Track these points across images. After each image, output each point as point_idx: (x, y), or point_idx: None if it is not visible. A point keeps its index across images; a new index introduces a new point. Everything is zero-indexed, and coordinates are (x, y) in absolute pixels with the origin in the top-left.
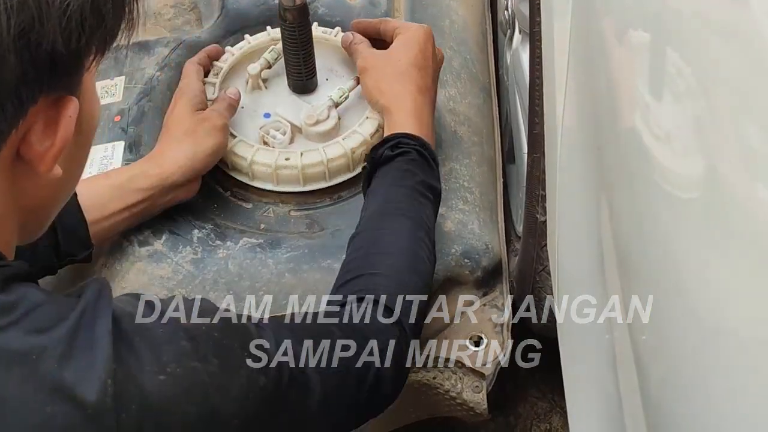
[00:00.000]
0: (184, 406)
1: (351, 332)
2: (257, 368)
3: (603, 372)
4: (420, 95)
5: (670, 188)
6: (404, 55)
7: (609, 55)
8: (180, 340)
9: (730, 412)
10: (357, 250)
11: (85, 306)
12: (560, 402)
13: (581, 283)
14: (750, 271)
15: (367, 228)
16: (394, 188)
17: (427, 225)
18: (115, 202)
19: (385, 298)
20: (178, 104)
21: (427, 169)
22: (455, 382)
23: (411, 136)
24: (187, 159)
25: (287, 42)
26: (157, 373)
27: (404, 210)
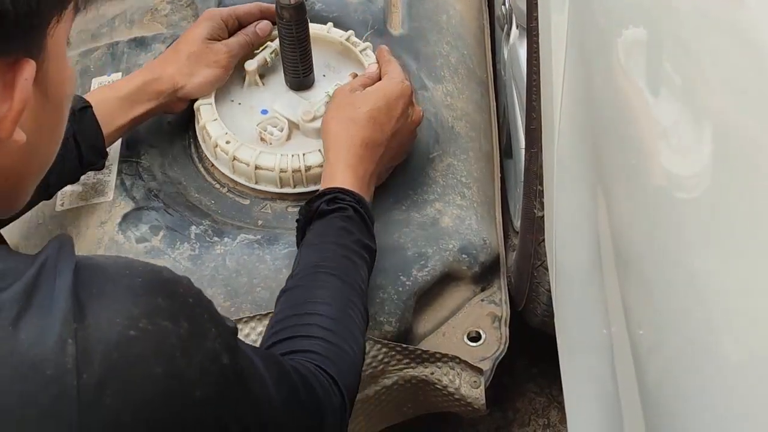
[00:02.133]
0: (150, 365)
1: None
2: (220, 344)
3: (601, 367)
4: (364, 149)
5: (667, 183)
6: (367, 104)
7: (606, 51)
8: (157, 296)
9: (727, 407)
10: (291, 307)
11: (44, 262)
12: (558, 397)
13: (579, 279)
14: (747, 266)
15: (300, 285)
16: (329, 245)
17: (360, 288)
18: (123, 115)
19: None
20: (198, 27)
21: (362, 227)
22: (453, 378)
23: (348, 192)
24: (184, 82)
25: (284, 39)
26: (127, 327)
27: (339, 271)
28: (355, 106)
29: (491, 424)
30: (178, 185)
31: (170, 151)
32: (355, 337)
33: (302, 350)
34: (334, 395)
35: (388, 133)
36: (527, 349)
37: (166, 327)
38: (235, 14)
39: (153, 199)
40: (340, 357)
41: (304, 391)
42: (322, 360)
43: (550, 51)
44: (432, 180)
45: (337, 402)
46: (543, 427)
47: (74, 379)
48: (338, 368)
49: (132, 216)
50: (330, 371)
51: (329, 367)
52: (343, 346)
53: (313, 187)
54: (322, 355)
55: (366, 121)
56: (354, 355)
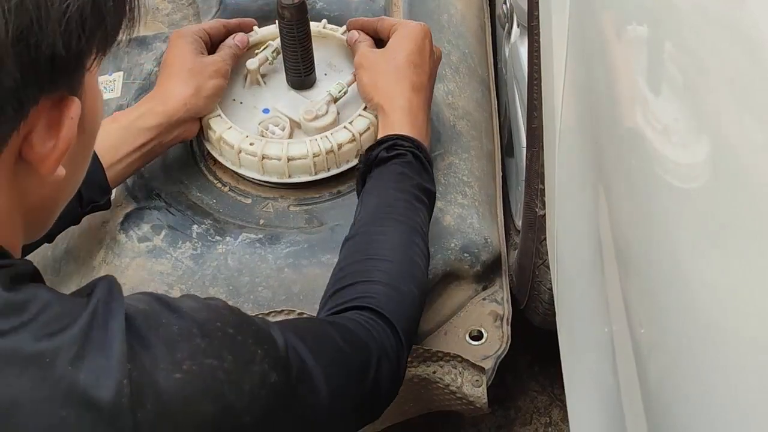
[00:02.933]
0: (200, 404)
1: (351, 339)
2: (268, 364)
3: (602, 365)
4: (415, 94)
5: (668, 182)
6: (400, 52)
7: (607, 49)
8: (194, 338)
9: (728, 405)
10: (352, 254)
11: (97, 304)
12: (560, 395)
13: (580, 277)
14: (748, 264)
15: (361, 232)
16: (389, 191)
17: (422, 229)
18: (126, 144)
19: (382, 308)
20: (178, 44)
21: (422, 171)
22: (455, 377)
23: (406, 138)
24: (192, 97)
25: (286, 39)
26: (172, 371)
27: (399, 214)
28: (389, 58)
29: (493, 423)
30: (180, 184)
31: (172, 151)
32: (415, 277)
33: (362, 296)
34: (387, 338)
35: (428, 72)
36: (529, 347)
37: (211, 364)
38: (204, 29)
39: (155, 199)
40: (398, 300)
41: (350, 347)
42: (378, 303)
43: (551, 50)
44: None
45: (392, 343)
46: (545, 425)
47: (130, 419)
48: (395, 310)
49: (134, 215)
50: (387, 314)
51: (385, 311)
52: (402, 288)
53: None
54: (378, 299)
55: (407, 67)
56: (413, 296)
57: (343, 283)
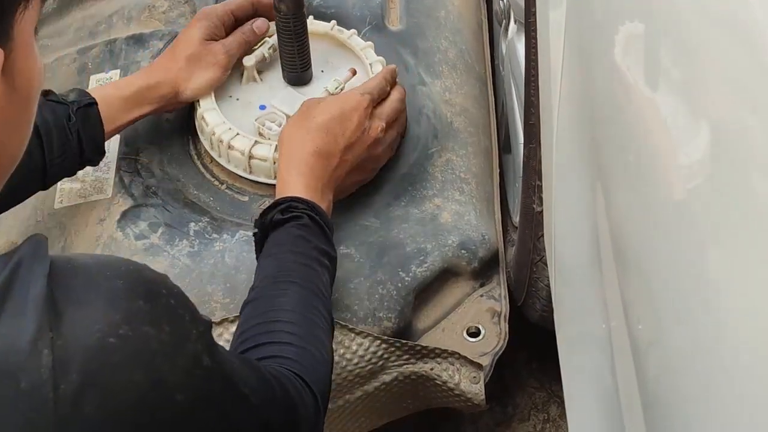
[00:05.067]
0: (131, 372)
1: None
2: (202, 345)
3: (600, 362)
4: (316, 159)
5: (665, 178)
6: (321, 115)
7: (604, 45)
8: (138, 299)
9: (726, 401)
10: (255, 317)
11: (16, 266)
12: (558, 392)
13: (578, 273)
14: (746, 261)
15: (262, 296)
16: (287, 255)
17: (322, 293)
18: (123, 115)
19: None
20: (197, 25)
21: (319, 234)
22: (453, 373)
23: (300, 200)
24: (184, 86)
25: (282, 33)
26: (107, 334)
27: (299, 278)
28: (310, 116)
29: (491, 420)
30: (177, 182)
31: (169, 149)
32: (321, 341)
33: (272, 356)
34: (307, 397)
35: (341, 143)
36: (527, 344)
37: (147, 332)
38: (231, 10)
39: (152, 196)
40: (310, 361)
41: (280, 392)
42: (293, 364)
43: (548, 46)
44: (431, 176)
45: (311, 405)
46: (543, 421)
47: (50, 390)
48: (309, 372)
49: (131, 213)
50: (302, 375)
51: (301, 372)
52: (312, 351)
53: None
54: (293, 360)
55: (317, 131)
56: (323, 359)
57: (251, 343)
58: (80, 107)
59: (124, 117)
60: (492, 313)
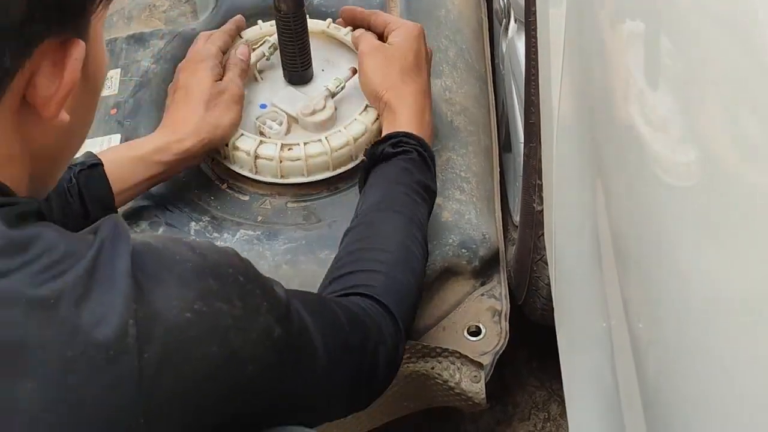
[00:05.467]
0: (206, 345)
1: (352, 319)
2: (273, 317)
3: (601, 360)
4: (422, 96)
5: (665, 177)
6: (410, 53)
7: (604, 45)
8: (207, 278)
9: (726, 400)
10: (353, 243)
11: (102, 243)
12: (558, 390)
13: (578, 272)
14: (745, 259)
15: (363, 222)
16: (392, 185)
17: (421, 223)
18: (138, 175)
19: (381, 296)
20: (201, 67)
21: (425, 169)
22: (453, 372)
23: (412, 136)
24: (208, 133)
25: (282, 33)
26: (183, 309)
27: (400, 207)
28: (401, 56)
29: (492, 419)
30: (178, 182)
31: None
32: (412, 268)
33: (361, 284)
34: (386, 325)
35: (426, 75)
36: (527, 343)
37: (220, 308)
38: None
39: (152, 196)
40: (396, 289)
41: (355, 333)
42: (378, 291)
43: (549, 45)
44: None
45: (390, 331)
46: (543, 420)
47: (135, 358)
48: (394, 300)
49: (132, 213)
50: (385, 301)
51: (385, 299)
52: (401, 278)
53: (313, 178)
54: (378, 287)
55: (416, 69)
56: (411, 286)
57: (343, 270)
58: (83, 169)
59: (139, 176)
60: (492, 312)
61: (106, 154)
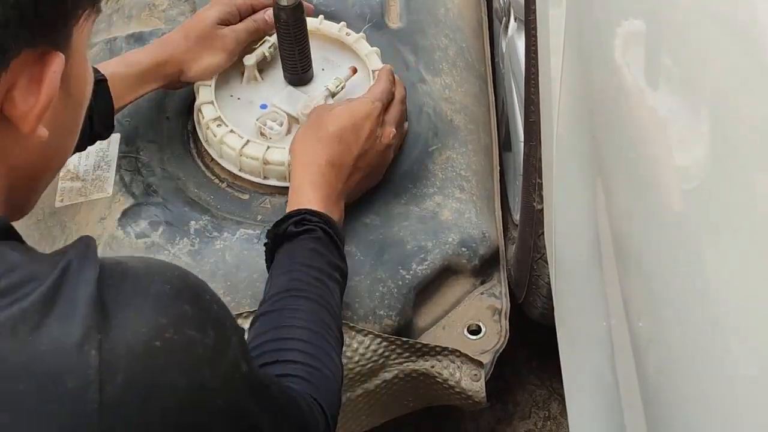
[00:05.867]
0: (175, 376)
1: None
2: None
3: (601, 359)
4: (330, 168)
5: (665, 176)
6: (333, 124)
7: (604, 43)
8: (184, 303)
9: (726, 398)
10: (265, 333)
11: (67, 266)
12: (559, 389)
13: (578, 271)
14: (746, 257)
15: (274, 309)
16: (301, 268)
17: (334, 311)
18: (131, 93)
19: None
20: (210, 9)
21: (332, 248)
22: (453, 371)
23: (315, 213)
24: (188, 67)
25: (282, 39)
26: (153, 338)
27: (313, 294)
28: (322, 125)
29: (492, 417)
30: (177, 180)
31: (169, 147)
32: (332, 359)
33: (284, 374)
34: (319, 415)
35: (354, 153)
36: (527, 341)
37: (193, 336)
38: (248, 3)
39: (152, 195)
40: (321, 380)
41: (294, 411)
42: (304, 384)
43: (548, 44)
44: (431, 173)
45: (322, 423)
46: (544, 419)
47: (96, 391)
48: (320, 392)
49: (131, 212)
50: (314, 394)
51: (313, 391)
52: (323, 370)
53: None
54: (304, 379)
55: (331, 141)
56: (334, 378)
57: (262, 361)
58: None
59: (132, 94)
60: (492, 310)
61: (106, 68)
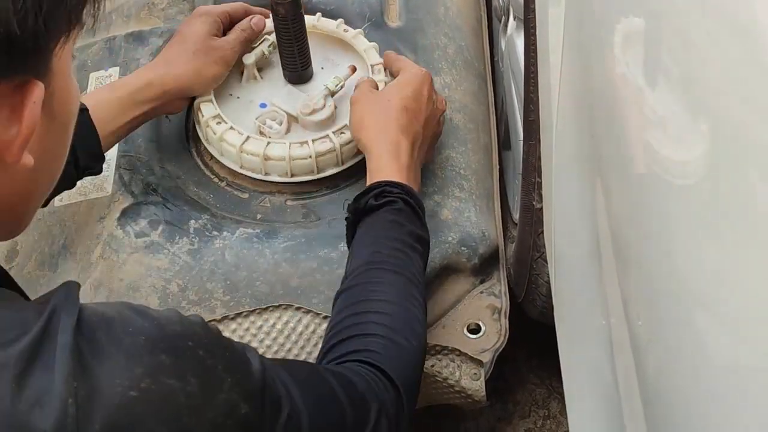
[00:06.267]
0: (153, 426)
1: (349, 390)
2: (238, 393)
3: (600, 357)
4: (404, 138)
5: (664, 174)
6: (395, 95)
7: (603, 41)
8: (159, 353)
9: (725, 396)
10: (348, 307)
11: (51, 314)
12: (558, 388)
13: (578, 270)
14: (745, 256)
15: (357, 284)
16: (381, 241)
17: (417, 280)
18: (121, 117)
19: (382, 362)
20: (199, 20)
21: (413, 218)
22: (453, 370)
23: (395, 184)
24: (189, 80)
25: (281, 35)
26: (128, 387)
27: (394, 265)
28: (384, 99)
29: (492, 416)
30: (177, 179)
31: (168, 146)
32: (413, 329)
33: (359, 349)
34: (387, 393)
35: (421, 120)
36: (527, 340)
37: (172, 385)
38: (227, 11)
39: (152, 194)
40: (397, 354)
41: (347, 398)
42: (376, 357)
43: (548, 42)
44: (430, 172)
45: (392, 398)
46: (543, 418)
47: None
48: (395, 365)
49: (131, 211)
50: (386, 369)
51: (383, 364)
52: (401, 341)
53: (322, 174)
54: (377, 353)
55: (400, 112)
56: (411, 348)
57: (340, 337)
58: None
59: (122, 118)
60: (492, 309)
61: (89, 98)
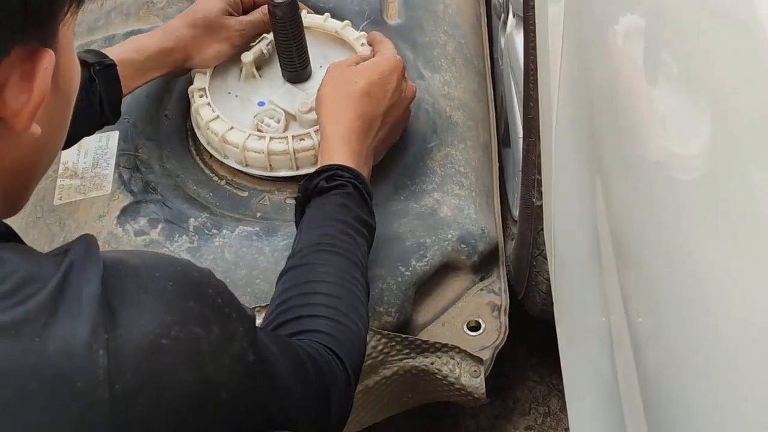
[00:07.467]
0: (182, 373)
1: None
2: (247, 342)
3: (600, 355)
4: (360, 123)
5: (664, 171)
6: (363, 78)
7: (603, 39)
8: (188, 300)
9: (726, 394)
10: (294, 287)
11: (69, 266)
12: (558, 385)
13: (578, 267)
14: (745, 252)
15: (303, 263)
16: (330, 222)
17: (362, 264)
18: (139, 79)
19: (332, 343)
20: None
21: (362, 204)
22: (453, 368)
23: (346, 168)
24: (194, 54)
25: (279, 36)
26: (159, 336)
27: (342, 248)
28: (350, 80)
29: (492, 413)
30: (176, 178)
31: (168, 144)
32: (359, 312)
33: (308, 330)
34: (339, 372)
35: (383, 107)
36: (527, 337)
37: (198, 333)
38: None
39: (151, 192)
40: (345, 334)
41: (313, 371)
42: (327, 339)
43: (547, 40)
44: (430, 170)
45: (343, 379)
46: (543, 415)
47: (106, 391)
48: (343, 346)
49: (130, 209)
50: (335, 350)
51: (335, 346)
52: (348, 324)
53: (306, 171)
54: (327, 334)
55: (361, 96)
56: (358, 331)
57: (289, 315)
58: (101, 68)
59: (139, 80)
60: (492, 307)
61: (116, 54)
